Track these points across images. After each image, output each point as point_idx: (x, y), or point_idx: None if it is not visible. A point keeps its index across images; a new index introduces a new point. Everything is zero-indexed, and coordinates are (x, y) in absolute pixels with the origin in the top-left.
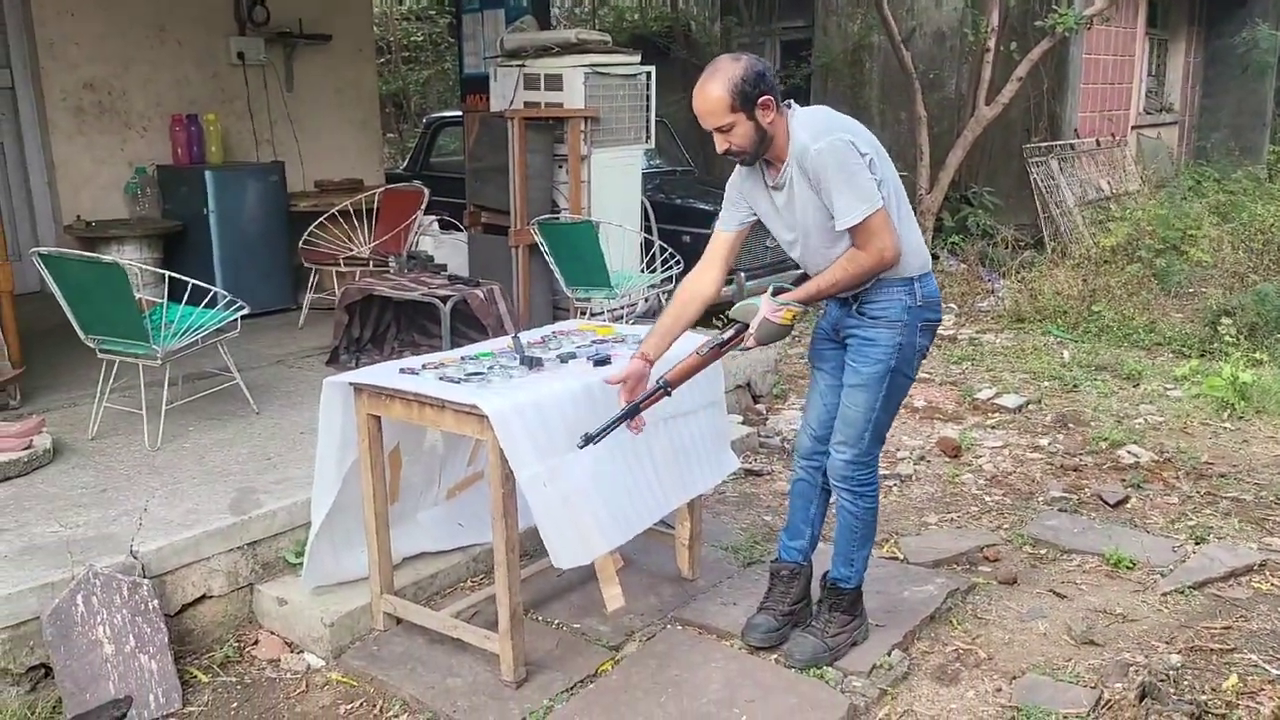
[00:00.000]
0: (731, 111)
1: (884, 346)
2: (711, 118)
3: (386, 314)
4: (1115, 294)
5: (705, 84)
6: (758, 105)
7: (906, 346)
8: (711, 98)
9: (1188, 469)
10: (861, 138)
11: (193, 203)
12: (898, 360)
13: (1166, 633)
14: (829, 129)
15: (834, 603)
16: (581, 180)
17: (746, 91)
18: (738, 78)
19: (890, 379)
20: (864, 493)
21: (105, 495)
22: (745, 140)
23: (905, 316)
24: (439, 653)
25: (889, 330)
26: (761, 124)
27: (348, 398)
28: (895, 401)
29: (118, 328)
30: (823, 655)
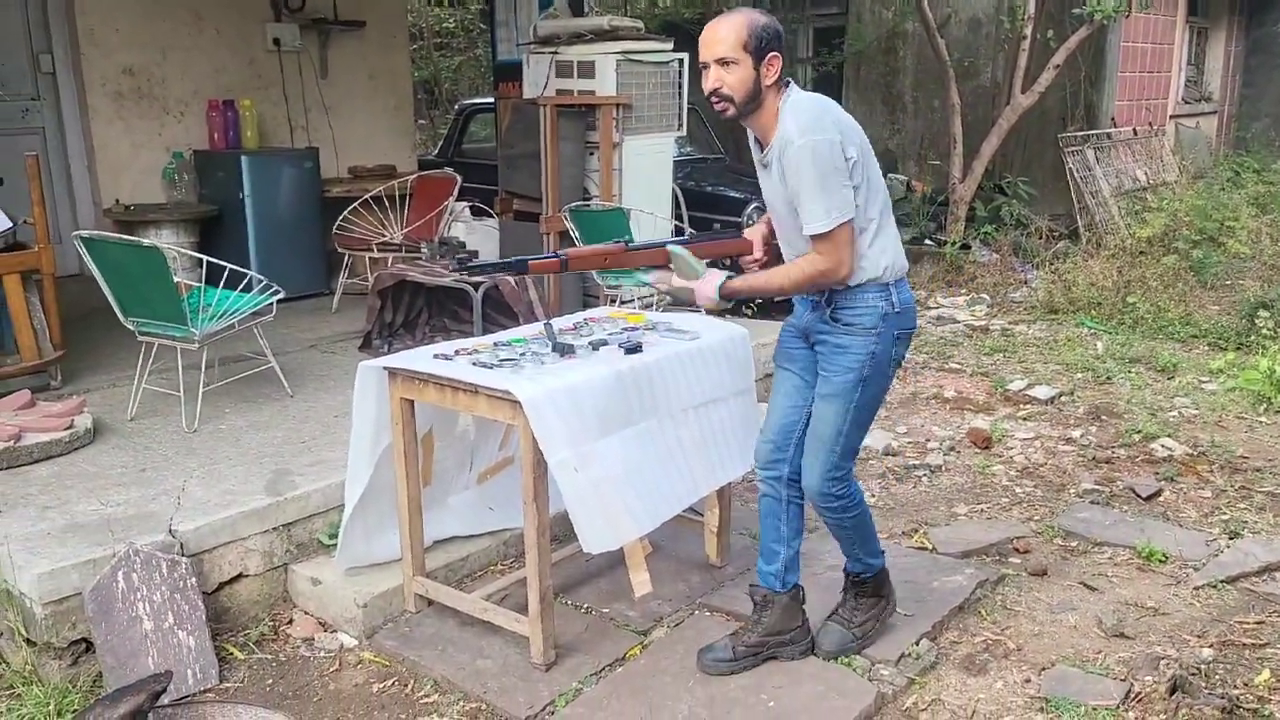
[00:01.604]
0: (742, 49)
1: (856, 354)
2: (720, 46)
3: (419, 299)
4: (1150, 286)
5: (725, 17)
6: (766, 58)
7: (880, 355)
8: (727, 28)
9: (1222, 463)
10: (850, 136)
11: (228, 188)
12: (871, 369)
13: (1198, 627)
14: (817, 125)
15: (858, 590)
16: (613, 167)
17: (762, 38)
18: (759, 23)
19: (862, 389)
20: (844, 506)
21: (144, 475)
22: (739, 86)
23: (880, 324)
24: (469, 635)
25: (863, 338)
26: (761, 79)
27: (382, 382)
28: (867, 414)
29: (157, 310)
30: (850, 645)
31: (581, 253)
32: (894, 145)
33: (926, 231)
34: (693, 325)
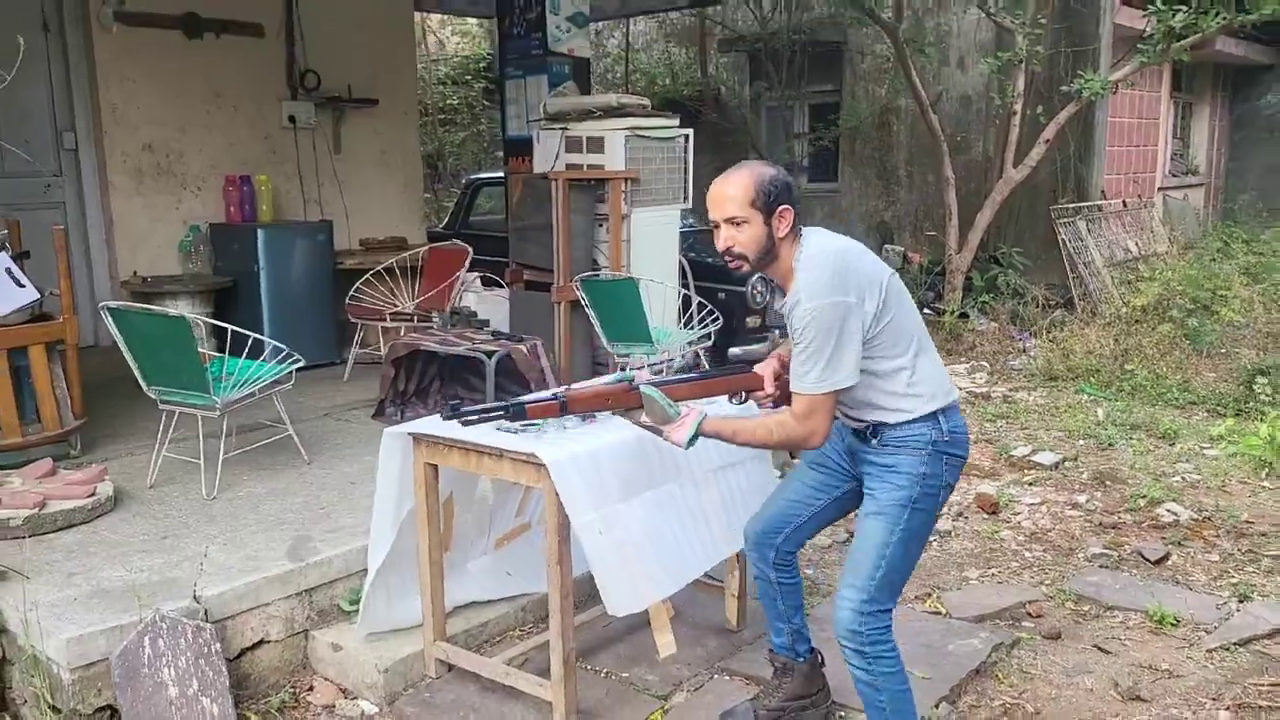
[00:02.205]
0: (750, 206)
1: (906, 474)
2: (728, 205)
3: (431, 368)
4: (1147, 353)
5: (731, 173)
6: (776, 212)
7: (931, 477)
8: (735, 186)
9: (1228, 527)
10: (869, 286)
11: (244, 259)
12: (921, 490)
13: (1214, 689)
14: (827, 286)
15: None
16: (622, 239)
17: (770, 192)
18: (766, 178)
19: (911, 513)
20: (876, 655)
21: (166, 542)
22: (752, 244)
23: (930, 447)
24: (490, 700)
25: (913, 457)
26: (774, 233)
27: (406, 447)
28: (916, 544)
29: (180, 379)
30: None
31: (582, 394)
32: (889, 217)
33: (925, 301)
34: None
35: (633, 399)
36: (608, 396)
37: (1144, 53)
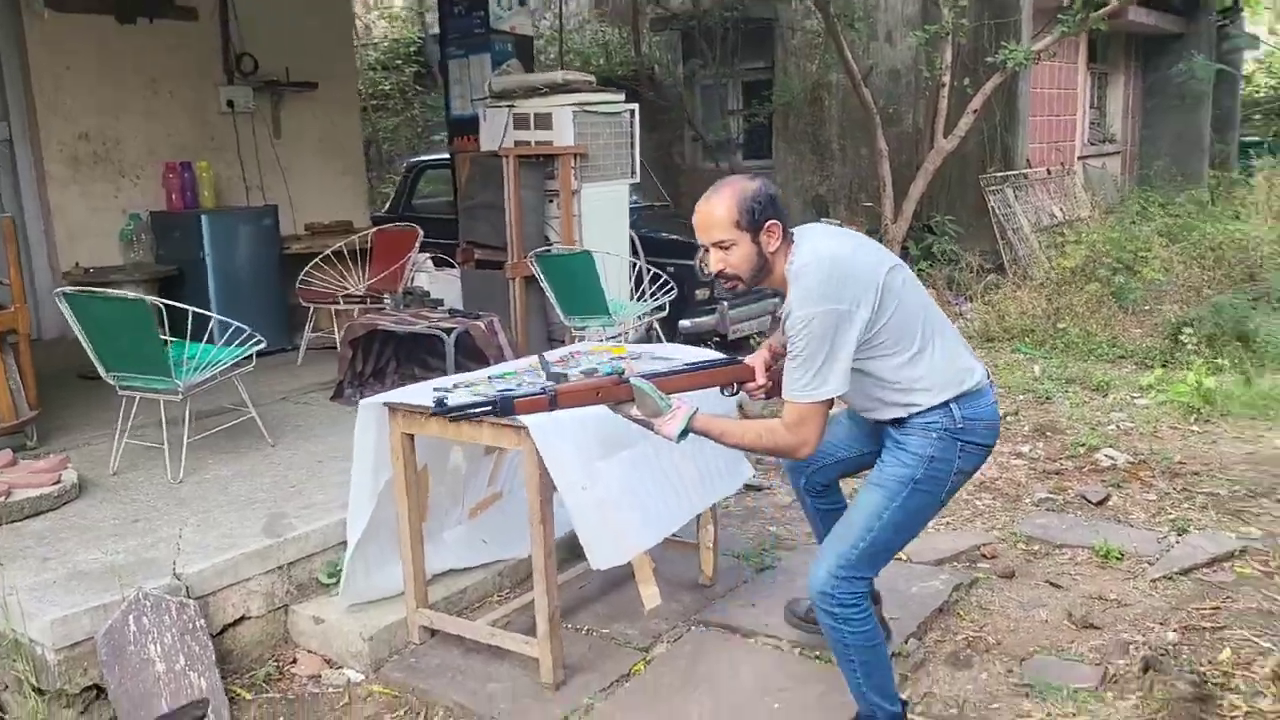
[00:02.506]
0: (736, 228)
1: (914, 453)
2: (715, 230)
3: (388, 349)
4: (1077, 312)
5: (712, 195)
6: (763, 229)
7: (940, 461)
8: (717, 210)
9: (1163, 469)
10: (864, 289)
11: (187, 247)
12: (925, 472)
13: (1160, 614)
14: (819, 294)
15: None
16: (573, 214)
17: (755, 210)
18: (748, 195)
19: (911, 491)
20: (846, 617)
21: (138, 525)
22: (743, 263)
23: (942, 432)
24: (476, 661)
25: (922, 438)
26: (764, 250)
27: (382, 418)
28: (907, 522)
29: (140, 364)
30: None
31: (573, 389)
32: (824, 191)
33: None
34: (674, 352)
35: (623, 392)
36: (598, 389)
37: (1064, 23)
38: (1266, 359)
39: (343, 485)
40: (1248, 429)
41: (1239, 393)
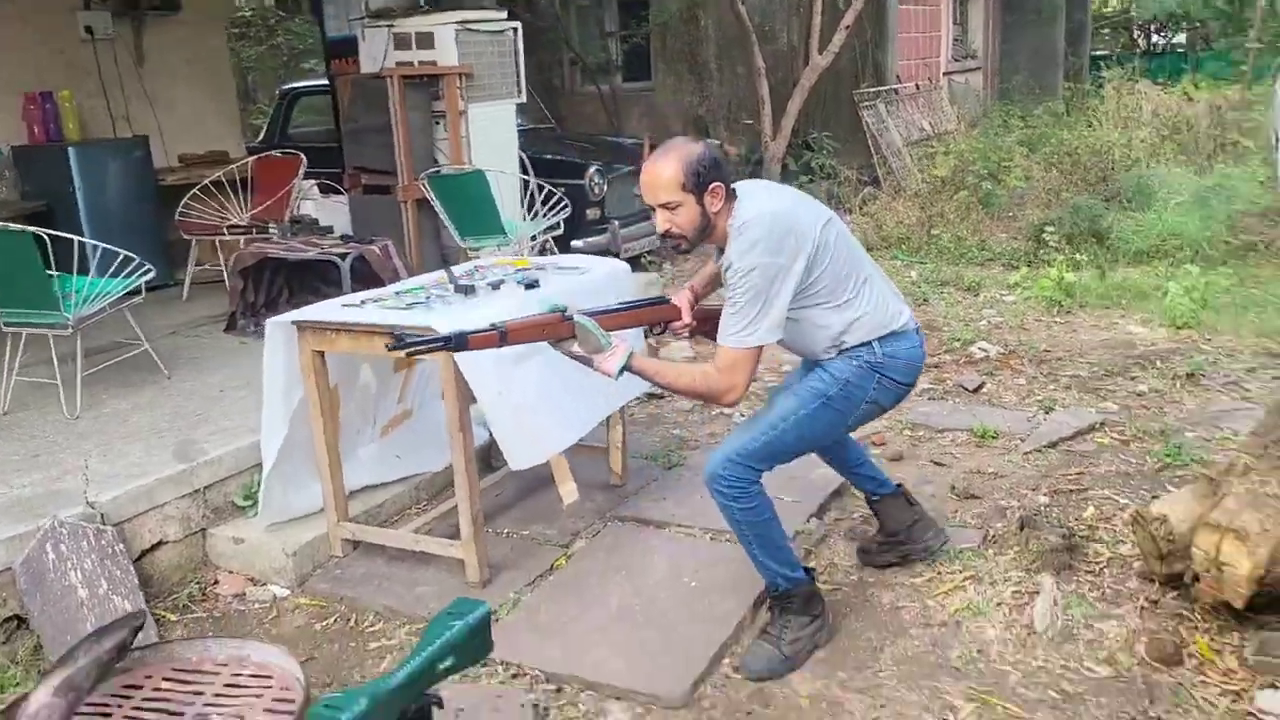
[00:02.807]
0: (681, 190)
1: (832, 374)
2: (660, 191)
3: (279, 278)
4: (949, 219)
5: (658, 159)
6: (708, 190)
7: (855, 387)
8: (664, 173)
9: (1030, 357)
10: (802, 240)
11: (56, 182)
12: (839, 392)
13: (1032, 482)
14: (758, 248)
15: (783, 607)
16: (461, 135)
17: (700, 173)
18: (693, 158)
19: (821, 406)
20: (734, 496)
21: (40, 459)
22: (688, 223)
23: (862, 362)
24: (401, 569)
25: (843, 363)
26: (708, 210)
27: (290, 337)
28: (811, 433)
29: (26, 298)
30: (779, 665)
31: (521, 325)
32: (704, 111)
33: None
34: (578, 262)
35: (566, 329)
36: (543, 326)
37: None
38: (1119, 254)
39: (248, 412)
40: (1103, 318)
41: (1095, 286)
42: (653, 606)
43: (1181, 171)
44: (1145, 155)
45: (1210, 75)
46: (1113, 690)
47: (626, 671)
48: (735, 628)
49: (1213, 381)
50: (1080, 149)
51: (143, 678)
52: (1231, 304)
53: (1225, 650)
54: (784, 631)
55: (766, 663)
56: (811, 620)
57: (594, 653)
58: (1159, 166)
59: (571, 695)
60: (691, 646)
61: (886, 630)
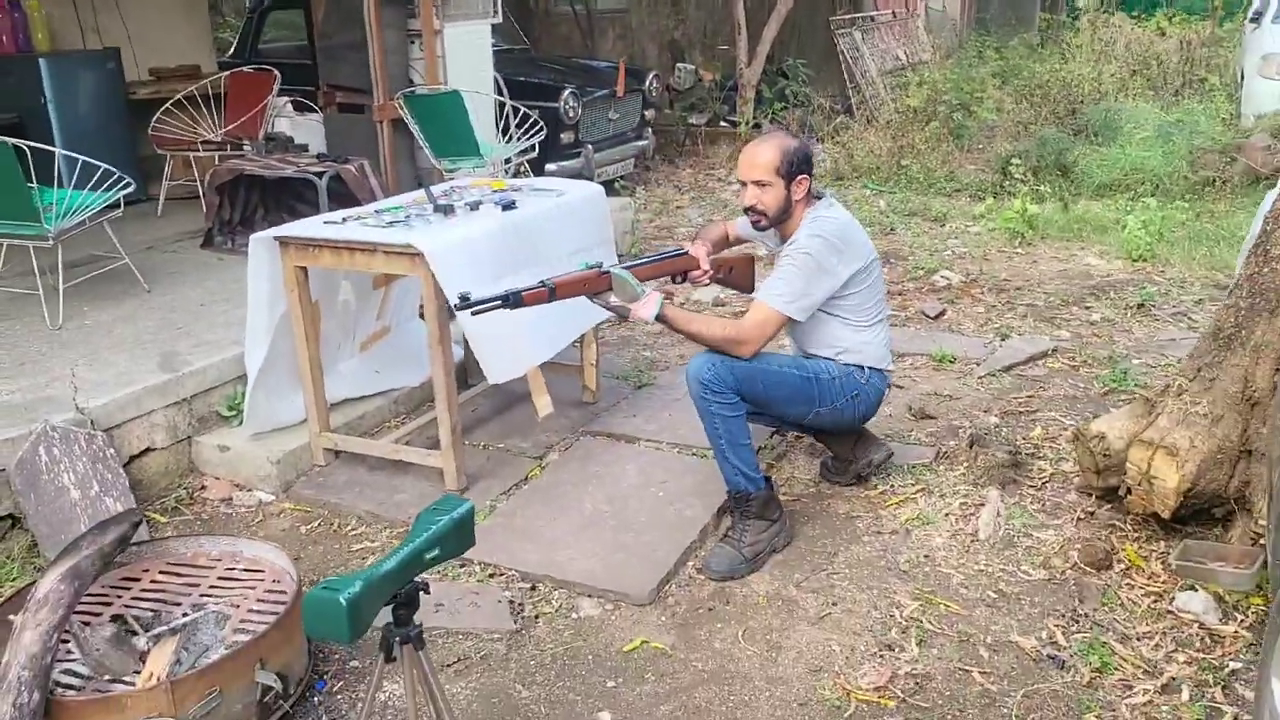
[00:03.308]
0: (775, 173)
1: (827, 366)
2: (756, 170)
3: (254, 196)
4: (919, 150)
5: (762, 143)
6: (795, 180)
7: (838, 386)
8: (763, 156)
9: (990, 286)
10: (858, 252)
11: (26, 93)
12: (827, 379)
13: (985, 404)
14: (828, 244)
15: (743, 511)
16: (436, 55)
17: (793, 163)
18: (791, 149)
19: (806, 379)
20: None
21: (26, 368)
22: (773, 204)
23: (848, 376)
24: (381, 477)
25: (839, 368)
26: (791, 197)
27: (274, 253)
28: (784, 388)
29: (7, 209)
30: (740, 566)
31: (567, 280)
32: (679, 35)
33: (721, 114)
34: (554, 185)
35: (604, 282)
36: (585, 281)
37: None
38: (1083, 187)
39: (230, 325)
40: (1063, 250)
41: (1057, 218)
42: (623, 513)
43: (1148, 107)
44: (1114, 89)
45: (1184, 10)
46: (1046, 591)
47: (597, 571)
48: (700, 533)
49: (1162, 312)
50: (1051, 82)
51: (140, 571)
52: (1186, 237)
53: (1152, 557)
54: (744, 535)
55: (728, 563)
56: (770, 524)
57: (567, 554)
58: (1127, 101)
59: (545, 593)
60: (658, 550)
61: (840, 538)
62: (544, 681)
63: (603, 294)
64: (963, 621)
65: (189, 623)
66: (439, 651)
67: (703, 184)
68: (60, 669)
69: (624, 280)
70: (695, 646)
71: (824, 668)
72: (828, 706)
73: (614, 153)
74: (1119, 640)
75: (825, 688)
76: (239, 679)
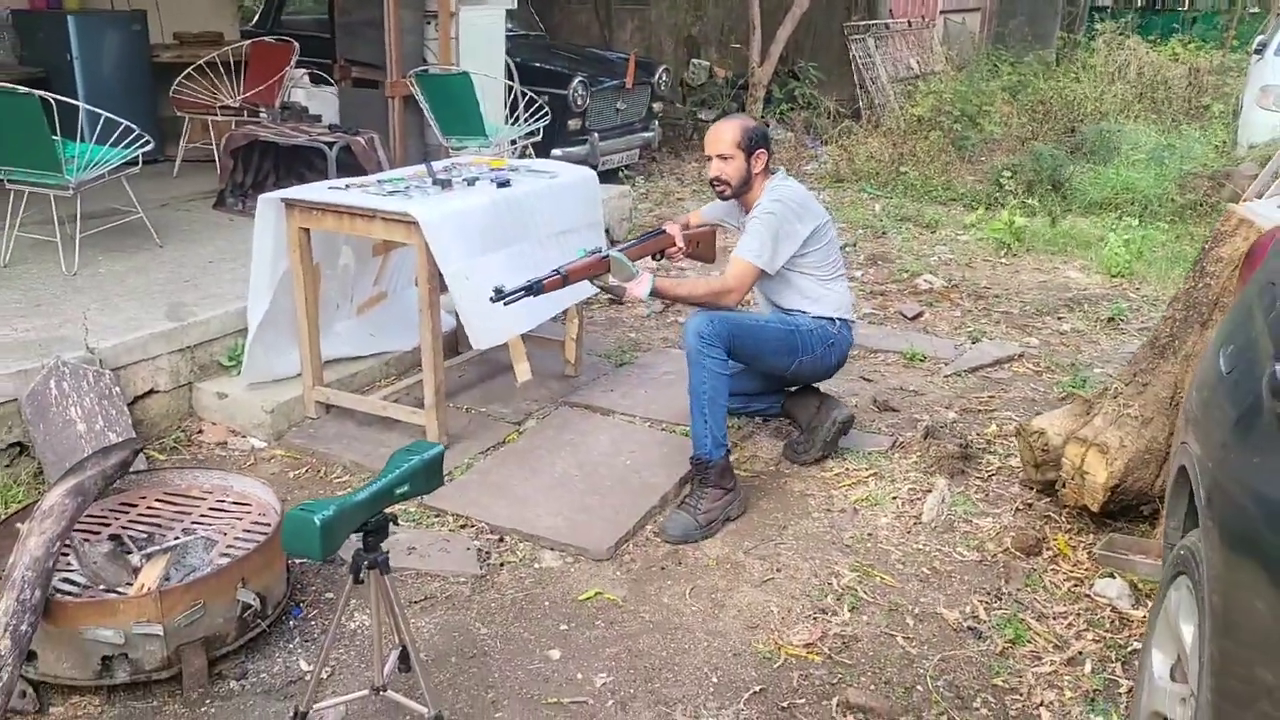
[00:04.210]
0: (736, 147)
1: (801, 320)
2: (719, 144)
3: (266, 162)
4: (919, 158)
5: (725, 121)
6: (754, 153)
7: (812, 339)
8: (726, 132)
9: (969, 292)
10: (811, 217)
11: (54, 50)
12: (803, 331)
13: (946, 401)
14: (787, 207)
15: (703, 479)
16: (450, 36)
17: (753, 139)
18: (750, 127)
19: (787, 331)
20: (711, 343)
21: (41, 309)
22: (735, 174)
23: (822, 327)
24: (369, 431)
25: (810, 320)
26: (751, 170)
27: (280, 214)
28: (767, 342)
29: (31, 159)
30: (694, 532)
31: (576, 267)
32: (697, 31)
33: (729, 111)
34: (549, 167)
35: (604, 265)
36: (591, 266)
37: None
38: (1073, 203)
39: (235, 282)
40: (1046, 262)
41: (1044, 232)
42: (591, 477)
43: (1147, 129)
44: (1115, 110)
45: (1199, 38)
46: (976, 571)
47: (561, 528)
48: (660, 499)
49: (1130, 326)
50: (1054, 99)
51: (138, 498)
52: (1164, 257)
53: (1080, 547)
54: (700, 502)
55: (683, 528)
56: (724, 493)
57: (535, 511)
58: (1127, 122)
59: (511, 544)
60: (620, 512)
61: (792, 513)
62: (502, 621)
63: (601, 276)
64: (895, 593)
65: (179, 545)
66: (408, 589)
67: (705, 178)
68: (60, 577)
69: (621, 263)
70: (645, 600)
71: (760, 625)
72: (759, 657)
73: (619, 142)
74: (1035, 618)
75: (759, 642)
76: (222, 595)
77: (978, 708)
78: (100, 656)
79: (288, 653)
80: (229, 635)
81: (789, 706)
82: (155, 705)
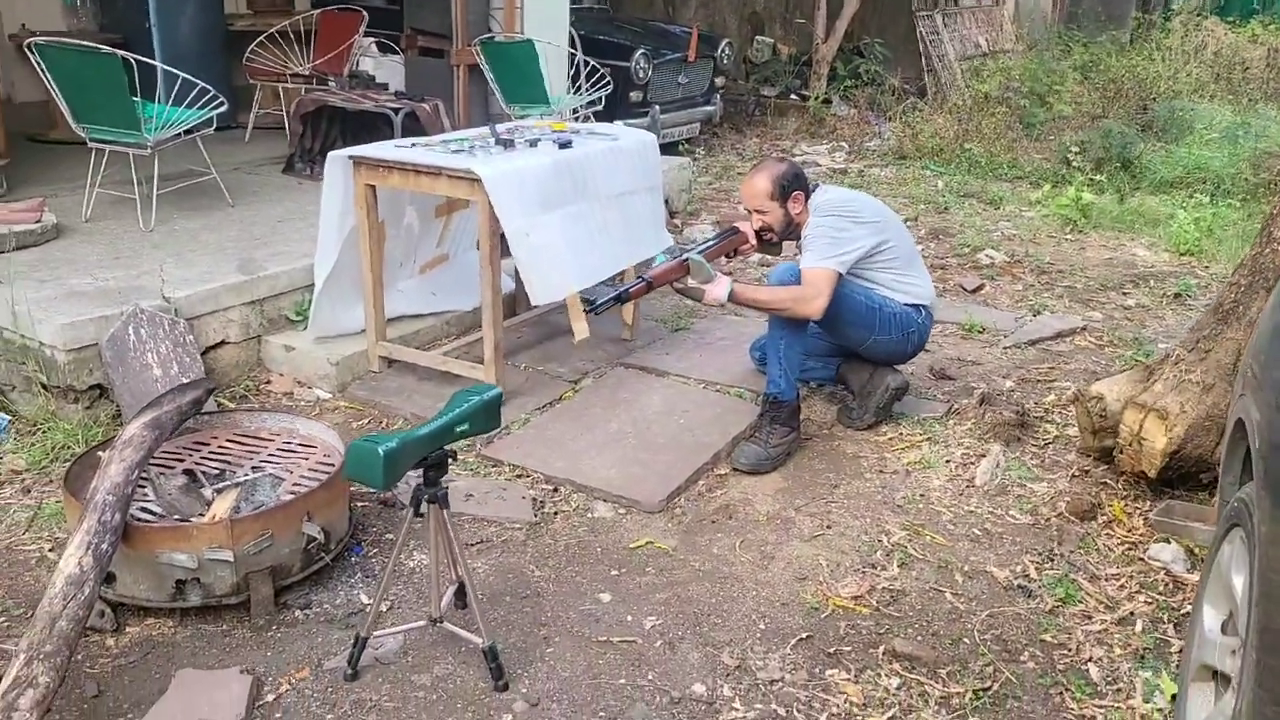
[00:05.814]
0: (769, 199)
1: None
2: (754, 200)
3: (334, 128)
4: (985, 135)
5: (754, 175)
6: (789, 198)
7: (896, 320)
8: (758, 187)
9: (1032, 267)
10: (867, 214)
11: (133, 16)
12: (889, 311)
13: (1004, 370)
14: (832, 218)
15: (774, 416)
16: (516, 6)
17: (784, 186)
18: (778, 174)
19: (871, 308)
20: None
21: (120, 260)
22: (776, 224)
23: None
24: (429, 385)
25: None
26: (791, 214)
27: (348, 171)
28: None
29: (112, 117)
30: (764, 462)
31: (660, 272)
32: (761, 8)
33: (792, 88)
34: (610, 130)
35: (683, 269)
36: (673, 270)
37: None
38: (1143, 181)
39: (303, 240)
40: (1113, 239)
41: (1112, 209)
42: (645, 434)
43: (1220, 108)
44: (1189, 90)
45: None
46: (1029, 533)
47: (615, 480)
48: (713, 457)
49: (1197, 302)
50: (1126, 77)
51: (209, 437)
52: (1235, 235)
53: (1135, 514)
54: (770, 436)
55: (755, 458)
56: (791, 431)
57: (589, 464)
58: (1202, 102)
59: (565, 495)
60: (673, 467)
61: (844, 473)
62: (555, 565)
63: (681, 279)
64: (945, 552)
65: (249, 481)
66: (465, 533)
67: (766, 153)
68: (137, 507)
69: (700, 265)
70: (695, 550)
71: (809, 577)
72: (806, 608)
73: (680, 115)
74: (1087, 579)
75: (807, 593)
76: (288, 527)
77: (1024, 660)
78: (174, 580)
79: (349, 587)
80: (294, 566)
81: (835, 653)
82: (224, 629)
